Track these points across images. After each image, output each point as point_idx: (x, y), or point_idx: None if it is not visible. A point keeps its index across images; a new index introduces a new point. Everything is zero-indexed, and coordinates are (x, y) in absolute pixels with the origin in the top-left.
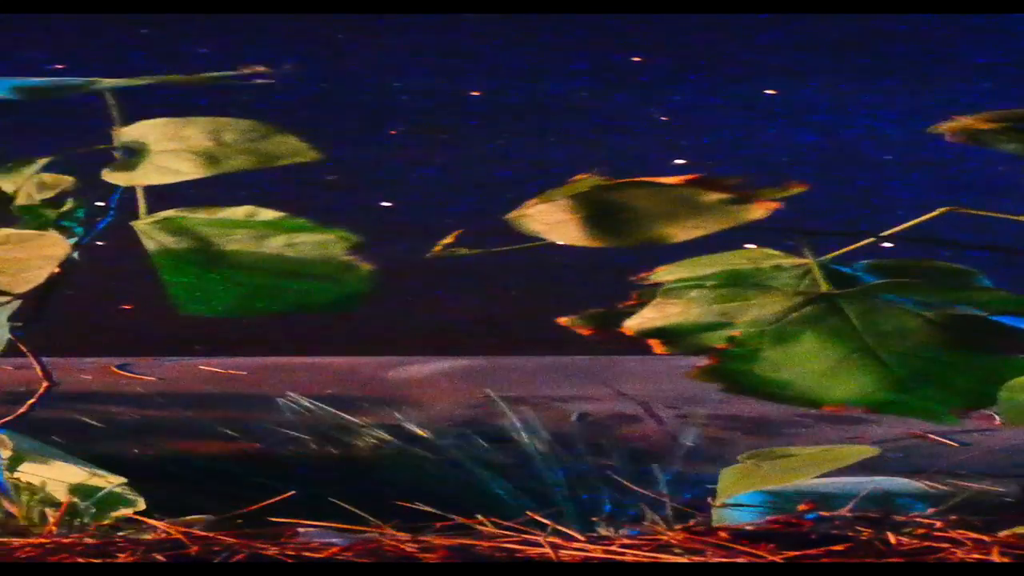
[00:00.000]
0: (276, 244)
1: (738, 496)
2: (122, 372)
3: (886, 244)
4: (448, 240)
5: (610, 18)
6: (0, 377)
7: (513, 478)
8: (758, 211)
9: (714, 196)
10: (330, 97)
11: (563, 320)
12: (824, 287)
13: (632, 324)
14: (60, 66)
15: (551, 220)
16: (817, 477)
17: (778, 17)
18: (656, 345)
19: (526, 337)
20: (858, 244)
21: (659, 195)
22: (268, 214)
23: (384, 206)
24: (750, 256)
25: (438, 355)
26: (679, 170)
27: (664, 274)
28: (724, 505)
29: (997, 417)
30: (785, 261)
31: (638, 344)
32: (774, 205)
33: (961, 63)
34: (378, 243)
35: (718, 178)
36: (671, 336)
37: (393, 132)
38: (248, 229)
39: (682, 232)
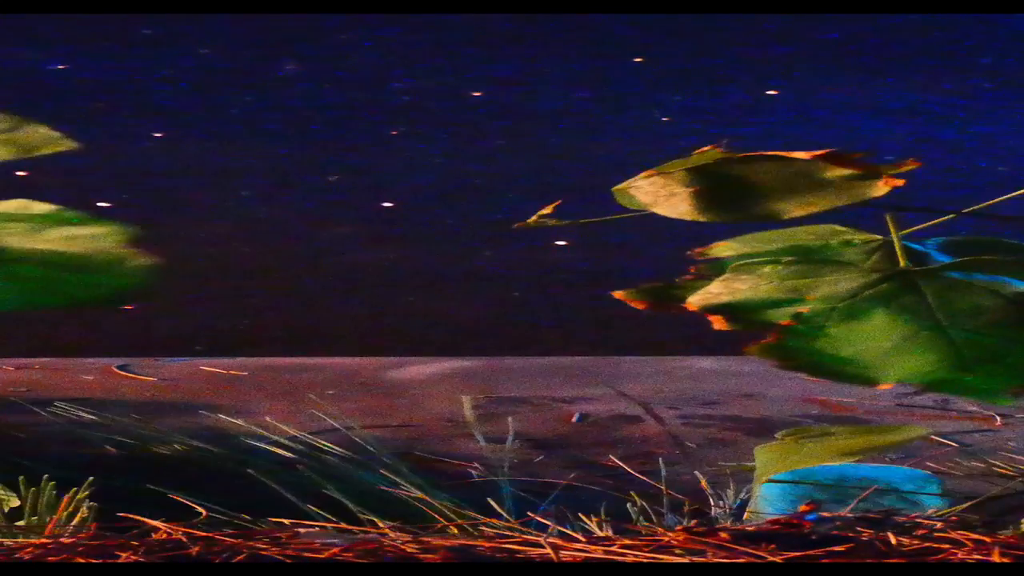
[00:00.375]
0: (52, 237)
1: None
2: (123, 372)
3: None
4: (547, 211)
5: (612, 19)
6: (1, 377)
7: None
8: (881, 188)
9: (838, 172)
10: (331, 98)
11: (618, 294)
12: (903, 263)
13: (696, 300)
14: (62, 66)
15: (663, 193)
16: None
17: (780, 17)
18: (718, 321)
19: (527, 338)
20: (936, 220)
21: (782, 170)
22: (41, 207)
23: (385, 206)
24: (816, 232)
25: (439, 356)
26: None
27: (723, 249)
28: (770, 480)
29: (998, 418)
30: (855, 237)
31: (639, 343)
32: (899, 182)
33: (963, 62)
34: (379, 244)
35: (847, 154)
36: (736, 312)
37: (394, 132)
38: (23, 223)
39: (796, 208)
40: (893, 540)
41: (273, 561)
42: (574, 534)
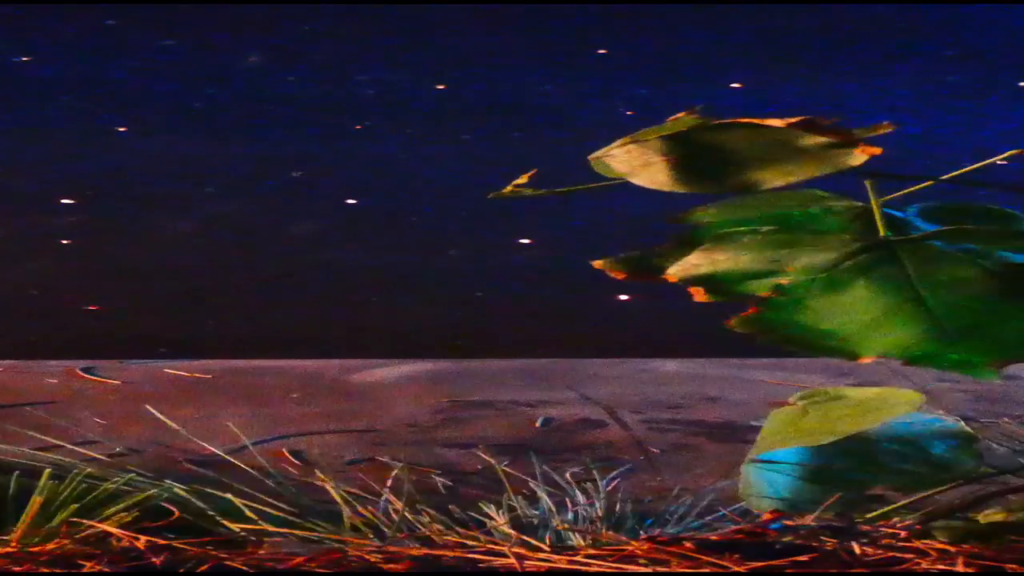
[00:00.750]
0: None
1: (775, 454)
2: (88, 376)
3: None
4: (522, 180)
5: (576, 9)
6: None
7: None
8: (859, 157)
9: (816, 140)
10: (294, 91)
11: (598, 263)
12: (883, 232)
13: (676, 271)
14: (26, 58)
15: (638, 162)
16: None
17: (744, 9)
18: (698, 293)
19: (491, 339)
20: (914, 188)
21: (759, 138)
22: None
23: (349, 203)
24: (798, 198)
25: (403, 358)
26: None
27: (702, 215)
28: (758, 461)
29: (961, 422)
30: (836, 203)
31: (605, 345)
32: (875, 151)
33: (929, 55)
34: (343, 242)
35: (823, 122)
36: (717, 284)
37: (358, 127)
38: None
39: (775, 178)
40: (857, 550)
41: (237, 571)
42: (538, 543)
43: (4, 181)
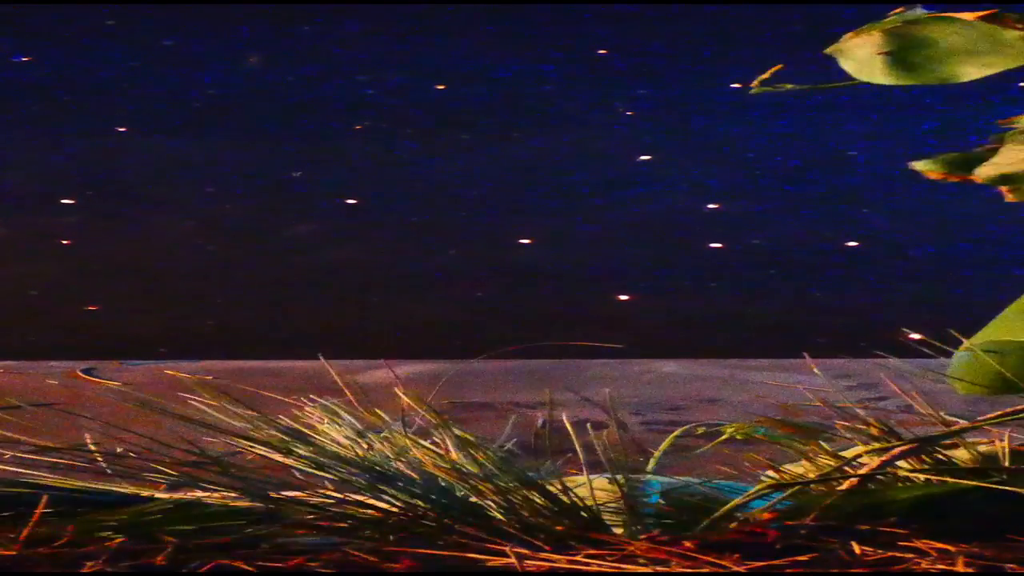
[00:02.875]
0: None
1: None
2: (88, 377)
3: None
4: (766, 75)
5: (576, 8)
6: None
7: None
8: None
9: (1014, 33)
10: (295, 92)
11: (916, 164)
12: None
13: (982, 171)
14: (27, 58)
15: (862, 57)
16: None
17: (741, 10)
18: (1006, 193)
19: (491, 339)
20: None
21: (964, 32)
22: None
23: (349, 203)
24: None
25: (404, 358)
26: (643, 165)
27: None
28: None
29: (960, 421)
30: None
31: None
32: None
33: None
34: (343, 242)
35: (1007, 16)
36: (1017, 182)
37: (358, 127)
38: None
39: (975, 70)
40: (857, 550)
41: (237, 571)
42: (538, 543)
43: (4, 181)
